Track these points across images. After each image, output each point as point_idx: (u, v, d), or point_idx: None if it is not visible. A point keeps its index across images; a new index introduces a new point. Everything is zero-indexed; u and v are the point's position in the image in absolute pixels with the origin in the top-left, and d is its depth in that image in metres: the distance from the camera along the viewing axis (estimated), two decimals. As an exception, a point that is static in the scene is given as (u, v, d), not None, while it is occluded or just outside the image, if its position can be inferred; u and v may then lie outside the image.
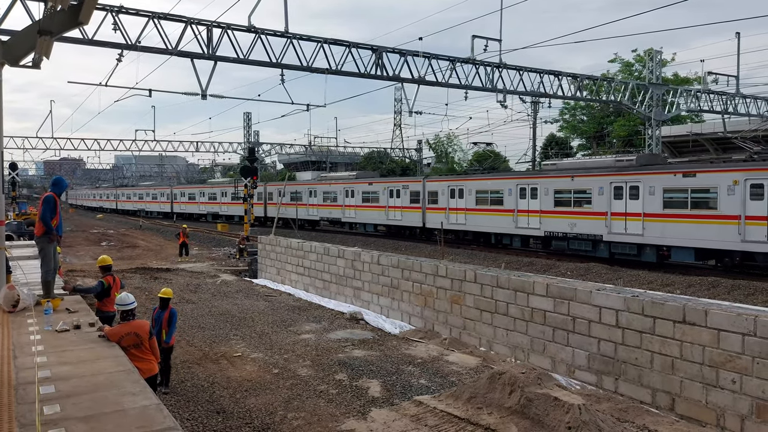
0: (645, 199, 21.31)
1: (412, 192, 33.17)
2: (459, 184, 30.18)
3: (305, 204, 42.13)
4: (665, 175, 20.95)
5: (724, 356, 7.72)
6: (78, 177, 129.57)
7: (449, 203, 30.33)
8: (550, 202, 24.87)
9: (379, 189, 35.59)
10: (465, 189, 29.50)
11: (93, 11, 8.32)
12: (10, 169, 32.95)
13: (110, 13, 18.43)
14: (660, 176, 21.09)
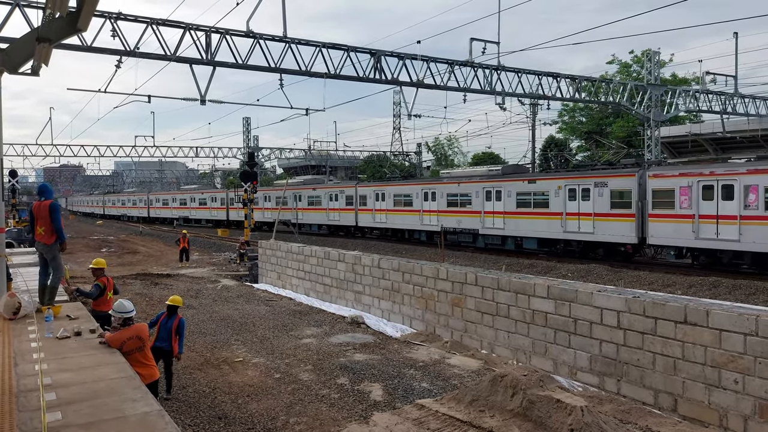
0: (505, 201, 26.84)
1: (347, 196, 38.37)
2: (382, 189, 35.48)
3: (261, 208, 47.41)
4: (518, 182, 26.70)
5: (726, 356, 7.70)
6: (78, 184, 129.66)
7: (375, 205, 35.62)
8: (444, 204, 30.34)
9: (321, 194, 41.04)
10: (386, 193, 34.81)
11: (91, 18, 8.34)
12: (10, 177, 32.93)
13: (109, 19, 18.46)
14: (514, 182, 26.73)
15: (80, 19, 8.03)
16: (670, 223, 20.48)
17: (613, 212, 22.32)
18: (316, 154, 64.70)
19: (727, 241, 18.95)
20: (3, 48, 8.93)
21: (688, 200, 19.97)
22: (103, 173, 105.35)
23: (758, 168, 18.55)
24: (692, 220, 19.73)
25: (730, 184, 18.88)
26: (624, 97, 29.98)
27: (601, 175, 23.31)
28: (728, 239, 18.86)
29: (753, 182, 18.31)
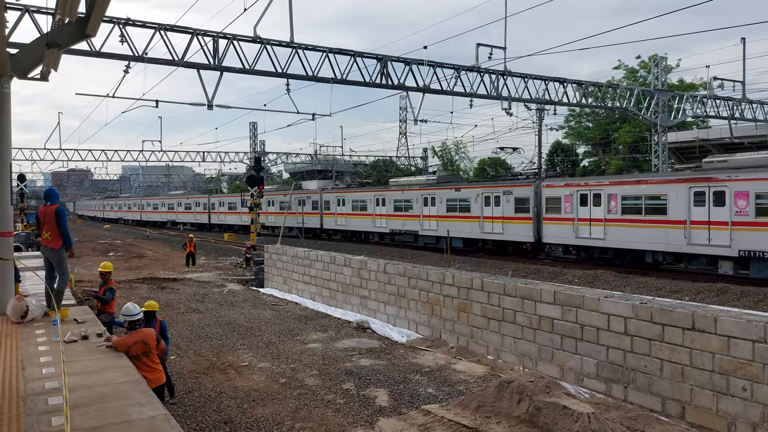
0: (438, 206, 31.07)
1: (313, 201, 42.90)
2: (342, 196, 39.88)
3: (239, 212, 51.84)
4: (448, 190, 30.72)
5: (734, 363, 7.65)
6: (86, 188, 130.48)
7: (337, 210, 40.04)
8: (392, 208, 34.75)
9: (291, 199, 44.89)
10: (346, 199, 39.20)
11: (100, 23, 8.41)
12: (19, 181, 33.15)
13: (117, 25, 18.61)
14: (445, 191, 30.86)
15: (89, 24, 8.10)
16: (557, 225, 24.78)
17: (517, 216, 26.65)
18: (323, 159, 64.83)
19: (596, 239, 23.31)
20: (13, 53, 9.01)
21: (570, 206, 24.20)
22: (111, 178, 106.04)
23: (616, 180, 23.40)
24: (573, 222, 24.15)
25: (598, 193, 23.21)
26: (631, 102, 29.92)
27: (508, 184, 27.85)
28: (597, 238, 23.28)
29: (613, 192, 22.66)
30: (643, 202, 21.74)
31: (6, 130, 8.86)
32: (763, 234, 18.34)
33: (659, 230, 21.04)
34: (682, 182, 20.66)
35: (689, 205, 20.18)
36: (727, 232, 19.15)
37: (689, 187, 20.29)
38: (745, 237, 18.75)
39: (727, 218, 19.18)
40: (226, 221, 54.33)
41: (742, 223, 18.87)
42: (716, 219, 19.48)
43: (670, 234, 20.66)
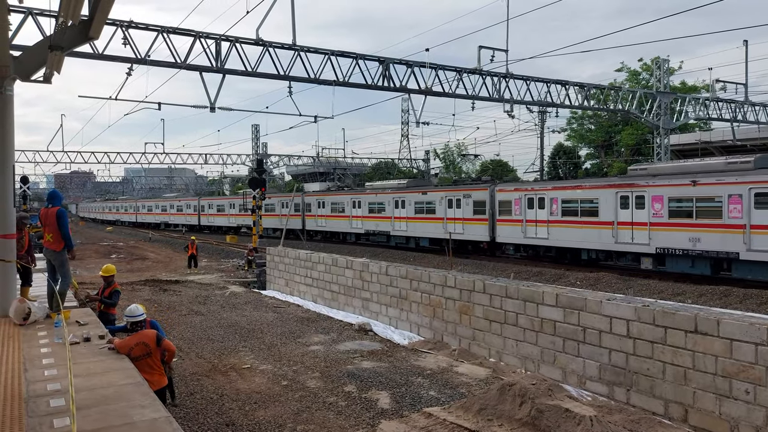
0: (407, 209, 33.37)
1: (295, 204, 45.07)
2: (323, 198, 42.55)
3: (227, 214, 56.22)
4: (416, 193, 33.22)
5: (737, 366, 7.62)
6: (88, 190, 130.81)
7: (318, 212, 42.66)
8: (367, 211, 37.11)
9: (275, 201, 48.00)
10: (326, 202, 41.84)
11: (103, 26, 8.43)
12: (22, 183, 33.20)
13: (120, 27, 18.65)
14: (414, 194, 33.24)
15: (92, 27, 8.12)
16: (509, 226, 27.07)
17: (475, 217, 28.91)
18: (325, 161, 64.86)
19: (541, 239, 25.64)
20: (16, 56, 9.03)
21: (519, 209, 26.43)
22: (114, 180, 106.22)
23: (557, 186, 25.87)
24: (521, 223, 26.38)
25: (542, 197, 25.44)
26: (633, 104, 29.91)
27: (468, 188, 30.21)
28: (542, 237, 25.58)
29: (555, 196, 24.92)
30: (579, 205, 24.02)
31: (9, 132, 8.88)
32: (675, 233, 20.55)
33: (592, 230, 23.33)
34: (611, 187, 22.87)
35: (616, 207, 22.42)
36: (646, 231, 21.40)
37: (616, 192, 22.49)
38: (661, 236, 20.98)
39: (646, 219, 21.38)
40: (215, 223, 57.87)
41: (658, 223, 21.08)
42: (638, 220, 21.73)
43: (602, 234, 22.98)
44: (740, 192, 18.82)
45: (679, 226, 20.40)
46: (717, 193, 19.42)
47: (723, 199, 19.24)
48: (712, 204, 19.61)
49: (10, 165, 9.01)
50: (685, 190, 20.31)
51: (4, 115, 8.77)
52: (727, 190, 19.17)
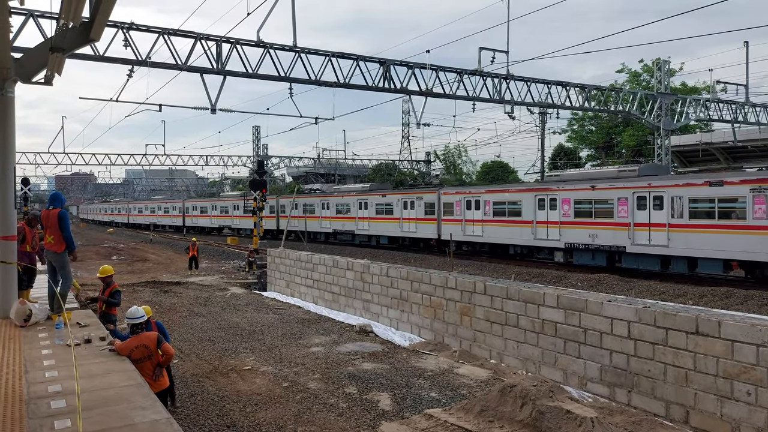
0: (370, 210, 36.58)
1: (270, 206, 47.52)
2: (296, 201, 44.30)
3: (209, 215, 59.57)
4: (377, 196, 36.41)
5: (738, 368, 7.62)
6: (89, 192, 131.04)
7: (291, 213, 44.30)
8: (335, 212, 40.34)
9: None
10: (299, 203, 44.22)
11: (104, 28, 8.43)
12: (23, 185, 33.25)
13: (121, 29, 18.67)
14: (375, 196, 36.50)
15: (93, 29, 8.12)
16: (452, 225, 29.96)
17: (426, 218, 32.01)
18: (325, 163, 64.89)
19: (477, 236, 28.83)
20: (17, 58, 9.04)
21: (459, 210, 29.56)
22: (114, 181, 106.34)
23: (490, 189, 29.27)
24: (461, 223, 29.46)
25: (478, 200, 28.58)
26: (634, 105, 29.89)
27: (420, 192, 33.67)
28: (477, 235, 28.70)
29: (488, 198, 28.08)
30: (506, 207, 27.15)
31: (10, 133, 8.88)
32: (579, 230, 23.67)
33: (517, 228, 26.47)
34: (530, 191, 26.17)
35: (535, 209, 25.50)
36: (557, 229, 24.54)
37: (535, 195, 25.67)
38: (569, 233, 24.11)
39: (558, 219, 24.52)
40: (198, 224, 60.92)
41: (566, 222, 24.20)
42: (551, 219, 24.85)
43: (524, 231, 26.14)
44: (626, 195, 21.94)
45: (582, 224, 23.60)
46: (610, 196, 22.66)
47: (614, 201, 22.44)
48: (606, 206, 22.83)
49: (11, 167, 9.01)
50: (586, 194, 23.56)
51: (5, 117, 8.77)
52: (616, 194, 22.36)
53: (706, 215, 19.69)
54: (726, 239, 18.98)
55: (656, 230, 20.96)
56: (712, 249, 19.40)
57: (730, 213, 19.15)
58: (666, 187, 20.89)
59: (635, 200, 21.63)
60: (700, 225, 19.74)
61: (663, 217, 20.76)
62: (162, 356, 6.92)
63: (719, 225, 19.19)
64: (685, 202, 20.21)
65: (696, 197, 20.09)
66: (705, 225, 19.61)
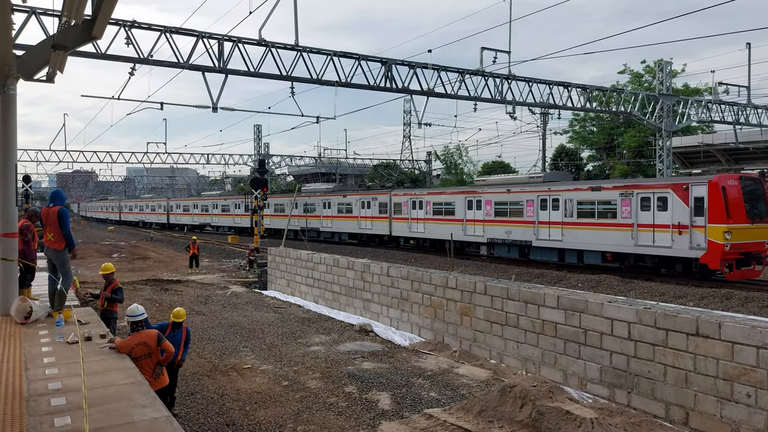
0: (332, 209, 40.00)
1: (245, 205, 50.89)
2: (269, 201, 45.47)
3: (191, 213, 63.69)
4: (338, 196, 39.95)
5: (738, 369, 7.61)
6: (90, 189, 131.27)
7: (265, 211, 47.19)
8: (302, 210, 43.66)
9: (230, 203, 55.77)
10: (270, 203, 45.23)
11: (106, 26, 8.43)
12: (24, 182, 33.21)
13: (123, 27, 18.67)
14: (337, 197, 40.03)
15: (95, 26, 8.12)
16: (400, 223, 34.09)
17: (379, 216, 35.69)
18: (327, 162, 64.87)
19: (420, 233, 32.82)
20: (19, 55, 9.04)
21: (406, 209, 33.43)
22: (116, 179, 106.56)
23: (431, 191, 33.27)
24: (408, 221, 33.41)
25: (421, 201, 32.46)
26: (635, 106, 29.86)
27: (375, 193, 37.15)
28: (420, 232, 32.73)
29: (429, 200, 31.95)
30: (443, 207, 30.78)
31: (11, 131, 8.89)
32: (498, 227, 27.49)
33: (452, 226, 29.76)
34: (462, 194, 29.99)
35: (465, 209, 29.22)
36: (482, 226, 28.39)
37: (465, 197, 29.46)
38: (491, 229, 27.95)
39: (482, 217, 28.32)
40: (181, 221, 65.17)
41: (489, 220, 28.03)
42: (478, 218, 28.63)
43: (456, 228, 29.48)
44: (532, 198, 25.67)
45: (500, 222, 27.38)
46: (520, 198, 26.38)
47: (523, 203, 26.10)
48: (517, 206, 26.45)
49: (13, 164, 9.01)
50: (503, 197, 27.33)
51: (6, 115, 8.78)
52: (525, 196, 26.06)
53: (590, 215, 23.35)
54: (602, 235, 22.78)
55: (554, 227, 24.63)
56: (593, 243, 23.14)
57: (606, 213, 22.72)
58: (561, 191, 24.49)
59: (539, 202, 25.33)
60: (585, 223, 23.46)
61: (559, 216, 24.41)
62: (162, 354, 6.93)
63: (598, 223, 22.94)
64: (575, 204, 23.78)
65: (582, 200, 23.60)
66: (588, 223, 23.34)
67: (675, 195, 20.46)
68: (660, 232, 20.82)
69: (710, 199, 19.53)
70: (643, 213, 21.37)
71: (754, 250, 20.17)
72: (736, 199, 19.77)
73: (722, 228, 19.18)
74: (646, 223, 21.23)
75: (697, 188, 19.94)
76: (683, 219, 20.08)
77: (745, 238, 19.72)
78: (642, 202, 21.51)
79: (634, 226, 21.54)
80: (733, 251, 19.44)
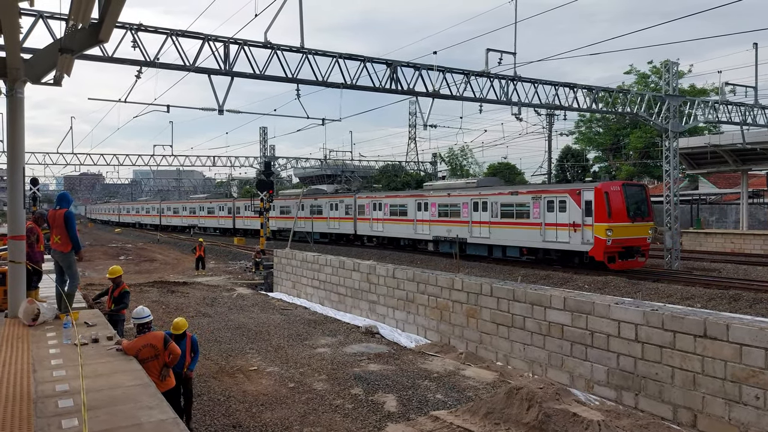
0: (306, 210, 43.54)
1: (228, 208, 56.63)
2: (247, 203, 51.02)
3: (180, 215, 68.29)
4: (311, 199, 43.93)
5: (746, 371, 7.56)
6: (97, 192, 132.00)
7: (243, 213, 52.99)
8: (279, 212, 47.28)
9: (215, 206, 60.05)
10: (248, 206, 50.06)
11: (113, 29, 8.47)
12: (31, 185, 33.40)
13: (129, 30, 18.73)
14: (310, 200, 43.79)
15: (102, 30, 8.16)
16: (363, 223, 37.89)
17: (346, 217, 39.41)
18: (332, 164, 64.91)
19: (379, 231, 36.63)
20: (27, 59, 9.10)
21: (368, 210, 37.28)
22: (122, 182, 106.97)
23: (388, 195, 37.42)
24: (369, 221, 37.25)
25: (380, 203, 36.42)
26: (642, 107, 29.74)
27: (342, 196, 41.14)
28: (379, 230, 36.59)
29: (386, 202, 35.93)
30: (398, 208, 34.66)
31: (20, 134, 8.94)
32: (441, 226, 31.03)
33: (405, 225, 33.99)
34: (413, 197, 33.96)
35: (416, 210, 33.09)
36: (428, 226, 32.11)
37: (415, 200, 33.33)
38: (435, 228, 31.52)
39: (429, 218, 32.10)
40: (172, 223, 69.80)
41: (434, 220, 31.63)
42: (425, 218, 32.41)
43: (408, 227, 33.68)
44: (467, 201, 29.46)
45: (443, 222, 30.96)
46: (458, 201, 30.07)
47: (460, 205, 29.84)
48: (456, 208, 30.16)
49: (21, 167, 9.06)
50: (445, 200, 31.11)
51: (14, 118, 8.83)
52: (461, 200, 29.86)
53: (510, 215, 27.04)
54: (519, 233, 26.53)
55: (484, 226, 28.38)
56: (512, 239, 26.95)
57: (522, 214, 26.37)
58: (488, 195, 28.32)
59: (472, 205, 29.11)
60: (507, 222, 27.18)
61: (487, 216, 28.20)
62: (169, 356, 6.94)
63: (516, 222, 26.66)
64: (499, 207, 27.58)
65: (504, 203, 27.35)
66: (509, 222, 27.07)
67: (571, 199, 24.17)
68: (561, 230, 24.58)
69: (596, 202, 23.20)
70: (548, 214, 25.09)
71: (635, 244, 23.76)
72: (618, 202, 23.30)
73: (605, 226, 22.88)
74: (551, 223, 25.00)
75: (587, 193, 23.68)
76: (577, 219, 23.78)
77: (626, 234, 23.31)
78: (548, 204, 25.18)
79: (542, 225, 25.27)
80: (615, 245, 23.04)
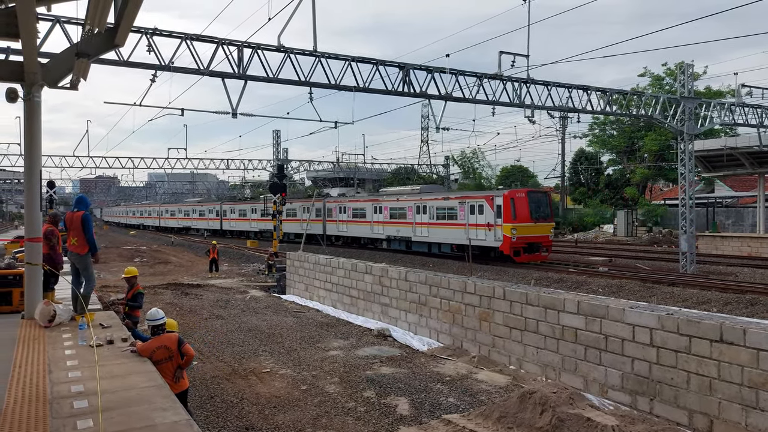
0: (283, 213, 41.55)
1: (216, 211, 61.47)
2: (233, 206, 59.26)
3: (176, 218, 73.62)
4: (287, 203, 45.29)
5: (764, 377, 7.46)
6: (113, 195, 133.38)
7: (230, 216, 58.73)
8: (260, 215, 49.77)
9: (206, 209, 65.05)
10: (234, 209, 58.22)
11: (128, 34, 8.57)
12: (48, 187, 33.78)
13: (145, 35, 18.91)
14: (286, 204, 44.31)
15: (118, 35, 8.26)
16: (332, 224, 42.64)
17: (316, 219, 43.74)
18: (345, 167, 65.07)
19: (344, 232, 41.31)
20: (44, 63, 9.22)
21: (336, 213, 42.02)
22: (137, 185, 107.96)
23: (350, 199, 42.37)
24: (336, 222, 42.00)
25: (344, 206, 41.09)
26: (656, 110, 29.48)
27: (315, 200, 45.05)
28: (344, 231, 41.20)
29: (349, 206, 40.73)
30: (359, 211, 39.30)
31: (36, 137, 9.06)
32: (393, 227, 35.78)
33: (363, 226, 38.79)
34: (370, 201, 38.57)
35: (373, 213, 37.70)
36: (382, 226, 36.74)
37: (372, 204, 38.01)
38: (388, 229, 36.24)
39: (383, 219, 36.69)
40: (169, 224, 74.15)
41: (387, 222, 36.28)
42: (380, 220, 36.95)
43: (367, 228, 38.33)
44: (411, 205, 34.26)
45: (393, 223, 35.64)
46: (405, 205, 34.96)
47: (406, 209, 34.65)
48: (404, 211, 34.88)
49: (38, 170, 9.19)
50: (395, 204, 35.81)
51: (31, 121, 8.95)
52: (407, 204, 34.67)
53: (443, 217, 31.77)
54: (450, 232, 31.22)
55: (424, 227, 33.10)
56: (446, 238, 31.64)
57: (452, 216, 31.11)
58: (428, 200, 33.12)
59: (415, 208, 33.87)
60: (441, 223, 31.92)
61: (427, 218, 32.90)
62: (183, 358, 6.99)
63: (448, 223, 31.39)
64: (435, 210, 32.42)
65: (439, 207, 32.15)
66: (443, 223, 31.77)
67: (487, 203, 28.89)
68: (480, 229, 29.30)
69: (504, 206, 27.90)
70: (471, 216, 29.83)
71: (538, 241, 28.46)
72: (522, 206, 27.97)
73: (510, 226, 27.52)
74: (473, 223, 29.66)
75: (498, 199, 28.49)
76: (491, 220, 28.52)
77: (529, 233, 27.98)
78: (470, 208, 30.00)
79: (467, 226, 29.98)
80: (520, 242, 27.69)
